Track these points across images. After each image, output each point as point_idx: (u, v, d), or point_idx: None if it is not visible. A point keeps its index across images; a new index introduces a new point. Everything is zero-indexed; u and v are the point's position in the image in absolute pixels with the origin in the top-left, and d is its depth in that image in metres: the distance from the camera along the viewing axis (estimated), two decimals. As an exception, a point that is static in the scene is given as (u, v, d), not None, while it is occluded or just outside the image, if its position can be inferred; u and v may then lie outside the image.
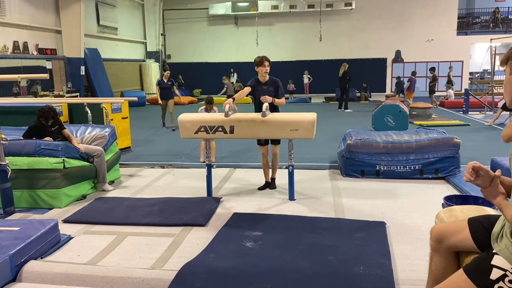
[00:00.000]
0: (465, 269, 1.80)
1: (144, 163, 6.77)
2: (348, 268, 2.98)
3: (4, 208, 4.26)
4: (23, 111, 6.78)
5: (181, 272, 2.92)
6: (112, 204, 4.60)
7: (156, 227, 3.93)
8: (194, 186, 5.29)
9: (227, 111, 4.47)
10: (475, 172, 1.72)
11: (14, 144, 4.63)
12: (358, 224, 3.87)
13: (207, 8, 21.55)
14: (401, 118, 9.43)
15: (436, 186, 5.13)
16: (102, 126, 6.11)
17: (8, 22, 11.99)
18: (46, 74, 8.53)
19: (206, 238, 3.62)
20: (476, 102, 13.56)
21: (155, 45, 21.90)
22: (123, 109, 7.81)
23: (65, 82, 14.43)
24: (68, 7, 14.19)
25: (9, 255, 2.91)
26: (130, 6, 19.78)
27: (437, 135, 5.66)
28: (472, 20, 22.86)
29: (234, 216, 4.17)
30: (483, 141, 8.38)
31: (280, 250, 3.32)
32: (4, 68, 11.58)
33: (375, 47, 20.95)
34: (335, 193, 4.95)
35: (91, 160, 5.05)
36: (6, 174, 4.17)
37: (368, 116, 10.79)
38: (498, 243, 1.81)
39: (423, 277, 2.61)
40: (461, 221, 2.10)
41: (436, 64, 20.83)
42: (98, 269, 3.01)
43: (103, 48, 16.64)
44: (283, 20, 21.54)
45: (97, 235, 3.79)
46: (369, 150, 5.55)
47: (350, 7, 20.37)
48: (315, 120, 4.39)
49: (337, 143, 6.81)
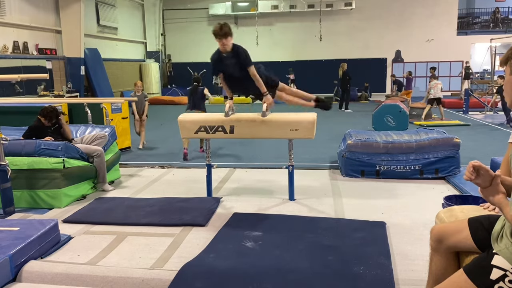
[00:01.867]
0: (465, 269, 1.80)
1: (144, 163, 6.77)
2: (348, 268, 2.98)
3: (4, 208, 4.25)
4: (23, 111, 6.78)
5: (181, 272, 2.92)
6: (112, 204, 4.60)
7: (156, 227, 3.93)
8: (194, 186, 5.29)
9: (227, 111, 4.47)
10: (476, 171, 1.72)
11: (14, 144, 4.63)
12: (358, 224, 3.87)
13: (207, 8, 21.55)
14: (401, 118, 9.44)
15: (436, 186, 5.13)
16: (102, 126, 6.11)
17: (8, 22, 11.98)
18: (46, 74, 8.54)
19: (206, 238, 3.62)
20: (476, 102, 13.57)
21: (155, 45, 21.90)
22: (123, 109, 7.81)
23: (65, 82, 14.43)
24: (68, 7, 14.19)
25: (9, 255, 2.91)
26: (130, 6, 19.78)
27: (437, 135, 5.66)
28: (472, 20, 22.87)
29: (234, 216, 4.17)
30: (483, 141, 8.39)
31: (280, 250, 3.32)
32: (4, 68, 11.58)
33: (375, 47, 20.95)
34: (335, 193, 4.95)
35: (91, 160, 5.05)
36: (6, 174, 4.17)
37: (368, 116, 10.79)
38: (498, 243, 1.81)
39: (423, 277, 2.61)
40: (461, 221, 2.10)
41: (436, 64, 20.85)
42: (98, 269, 3.01)
43: (103, 48, 16.63)
44: (283, 20, 21.54)
45: (97, 235, 3.79)
46: (369, 150, 5.55)
47: (350, 7, 20.37)
48: (315, 120, 4.39)
49: (337, 143, 6.81)
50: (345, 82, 14.47)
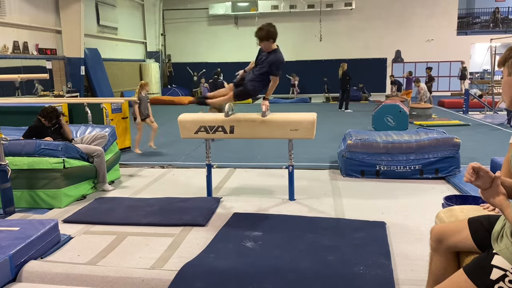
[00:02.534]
0: (465, 269, 1.80)
1: (144, 163, 6.77)
2: (348, 268, 2.98)
3: (4, 208, 4.25)
4: (23, 111, 6.78)
5: (181, 272, 2.92)
6: (112, 204, 4.60)
7: (156, 227, 3.93)
8: (194, 186, 5.29)
9: (227, 111, 4.47)
10: (475, 172, 1.72)
11: (14, 144, 4.63)
12: (358, 224, 3.87)
13: (207, 8, 21.53)
14: (401, 118, 9.43)
15: (436, 186, 5.13)
16: (102, 126, 6.11)
17: (8, 22, 11.97)
18: (46, 74, 8.53)
19: (206, 238, 3.62)
20: (476, 102, 13.56)
21: (155, 45, 21.89)
22: (123, 109, 7.80)
23: (65, 82, 14.42)
24: (68, 7, 14.18)
25: (9, 255, 2.91)
26: (130, 6, 19.77)
27: (437, 135, 5.66)
28: (472, 20, 22.86)
29: (234, 216, 4.17)
30: (483, 141, 8.39)
31: (280, 250, 3.32)
32: (4, 68, 11.57)
33: (375, 47, 20.93)
34: (335, 193, 4.95)
35: (91, 160, 5.05)
36: (6, 174, 4.17)
37: (368, 116, 10.78)
38: (498, 243, 1.81)
39: (423, 277, 2.61)
40: (461, 221, 2.10)
41: (436, 64, 20.85)
42: (98, 269, 3.01)
43: (103, 48, 16.63)
44: (283, 20, 21.49)
45: (97, 235, 3.79)
46: (369, 150, 5.55)
47: (350, 7, 20.36)
48: (315, 120, 4.39)
49: (337, 143, 6.81)
50: (345, 82, 14.44)
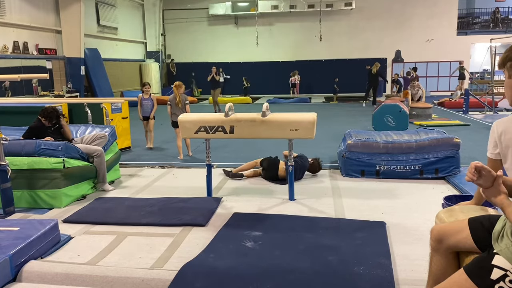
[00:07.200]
0: (465, 269, 1.80)
1: (144, 163, 6.77)
2: (348, 268, 2.98)
3: (4, 208, 4.25)
4: (23, 111, 6.78)
5: (181, 272, 2.92)
6: (112, 204, 4.60)
7: (156, 227, 3.93)
8: (194, 186, 5.29)
9: (227, 111, 4.47)
10: (477, 171, 1.72)
11: (14, 144, 4.63)
12: (358, 224, 3.87)
13: (207, 8, 21.55)
14: (401, 118, 9.43)
15: (436, 186, 5.13)
16: (102, 126, 6.11)
17: (8, 22, 11.98)
18: (46, 74, 8.54)
19: (206, 238, 3.62)
20: (476, 102, 13.56)
21: (155, 45, 21.90)
22: (123, 109, 7.81)
23: (65, 82, 14.43)
24: (68, 7, 14.19)
25: (9, 255, 2.91)
26: (130, 6, 19.78)
27: (437, 135, 5.65)
28: (472, 20, 22.84)
29: (234, 216, 4.17)
30: (483, 141, 8.38)
31: (280, 250, 3.32)
32: (4, 68, 11.58)
33: (375, 47, 20.94)
34: (335, 193, 4.95)
35: (91, 160, 5.05)
36: (6, 174, 4.17)
37: (368, 116, 10.78)
38: (499, 243, 1.81)
39: (423, 277, 2.61)
40: (461, 221, 2.10)
41: (436, 64, 20.86)
42: (98, 269, 3.01)
43: (103, 48, 16.64)
44: (283, 20, 21.54)
45: (97, 235, 3.79)
46: (369, 150, 5.55)
47: (350, 7, 20.36)
48: (315, 120, 4.39)
49: (337, 143, 6.81)
50: (376, 80, 15.17)
